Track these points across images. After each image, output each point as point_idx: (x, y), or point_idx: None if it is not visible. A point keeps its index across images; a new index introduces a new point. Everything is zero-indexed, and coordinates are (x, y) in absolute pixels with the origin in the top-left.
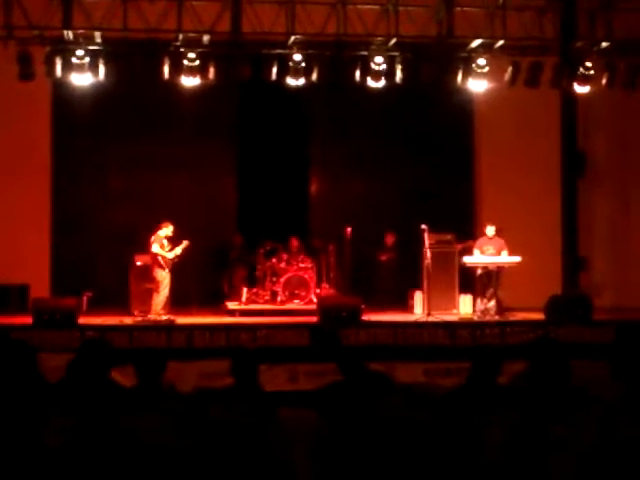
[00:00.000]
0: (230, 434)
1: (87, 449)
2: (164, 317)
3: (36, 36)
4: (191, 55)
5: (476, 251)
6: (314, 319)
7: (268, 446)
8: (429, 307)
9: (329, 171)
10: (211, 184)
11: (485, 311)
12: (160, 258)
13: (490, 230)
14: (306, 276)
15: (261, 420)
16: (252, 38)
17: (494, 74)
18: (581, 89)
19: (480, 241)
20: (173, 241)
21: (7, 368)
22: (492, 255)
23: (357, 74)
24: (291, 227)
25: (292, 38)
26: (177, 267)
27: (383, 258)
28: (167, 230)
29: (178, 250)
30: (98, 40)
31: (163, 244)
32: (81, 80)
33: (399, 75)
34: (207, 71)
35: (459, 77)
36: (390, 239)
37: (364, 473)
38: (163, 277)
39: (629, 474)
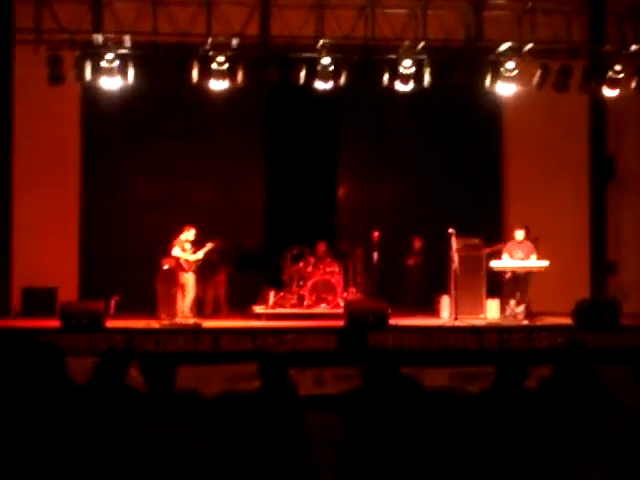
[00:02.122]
0: (256, 437)
1: (113, 450)
2: (191, 321)
3: (66, 40)
4: (220, 59)
5: (505, 255)
6: (341, 323)
7: (294, 450)
8: (456, 311)
9: (357, 175)
10: (239, 187)
11: (514, 315)
12: (182, 261)
13: (519, 234)
14: (333, 280)
15: (287, 424)
16: (281, 42)
17: (523, 78)
18: (610, 93)
19: (509, 245)
20: (199, 244)
21: (35, 370)
22: (521, 259)
23: (385, 78)
24: (318, 231)
25: (320, 42)
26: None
27: (410, 262)
28: (188, 234)
29: (200, 254)
30: (127, 44)
31: (185, 247)
32: (110, 84)
33: (427, 79)
34: (236, 75)
35: (488, 81)
36: (417, 243)
37: (390, 477)
38: (187, 280)
39: None
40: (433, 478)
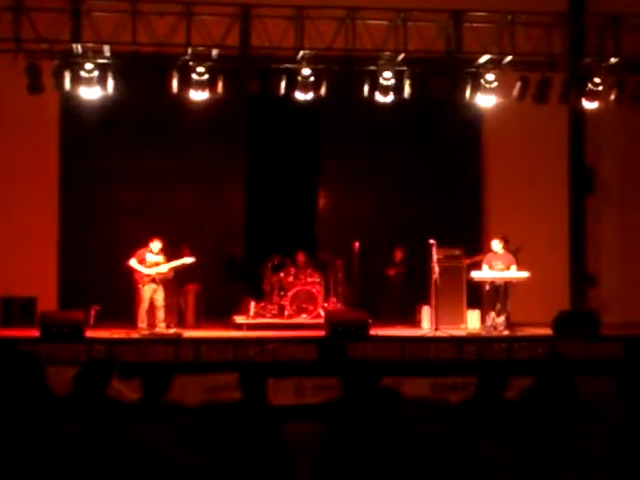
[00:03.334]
0: (236, 447)
1: (92, 461)
2: (171, 331)
3: (45, 49)
4: (200, 69)
5: (485, 266)
6: (322, 333)
7: (273, 460)
8: (437, 322)
9: (337, 185)
10: (219, 197)
11: (494, 326)
12: (137, 272)
13: (495, 244)
14: (314, 290)
15: (268, 434)
16: (261, 52)
17: (502, 89)
18: (589, 105)
19: (489, 257)
20: (172, 256)
21: (14, 380)
22: (501, 270)
23: (365, 89)
24: (299, 241)
25: (301, 53)
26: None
27: (391, 273)
28: (153, 245)
29: (163, 268)
30: (107, 54)
31: (144, 259)
32: (90, 93)
33: (407, 90)
34: (216, 85)
35: (468, 92)
36: (398, 254)
37: None
38: (142, 291)
39: None
40: None
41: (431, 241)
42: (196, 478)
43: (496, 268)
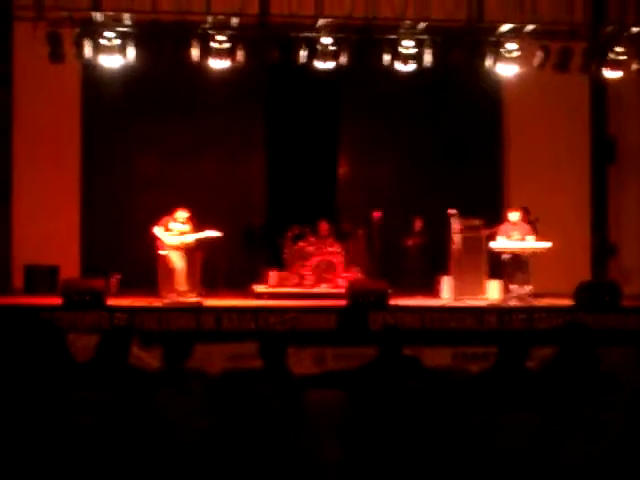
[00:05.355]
0: (258, 416)
1: (114, 428)
2: (193, 299)
3: (66, 17)
4: (220, 38)
5: (501, 237)
6: (342, 303)
7: (295, 428)
8: (457, 292)
9: (358, 155)
10: (240, 167)
11: (518, 297)
12: (159, 240)
13: (513, 216)
14: (334, 260)
15: (289, 402)
16: (281, 21)
17: (523, 59)
18: (611, 74)
19: (504, 227)
20: (198, 227)
21: (36, 348)
22: (519, 241)
23: (386, 58)
24: (319, 211)
25: (320, 21)
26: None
27: (411, 243)
28: (178, 214)
29: (188, 238)
30: (127, 22)
31: (168, 227)
32: (110, 62)
33: (428, 59)
34: (236, 54)
35: (488, 61)
36: (418, 224)
37: (390, 454)
38: (163, 259)
39: None
40: (434, 456)
41: (451, 211)
42: (217, 445)
43: (513, 238)
